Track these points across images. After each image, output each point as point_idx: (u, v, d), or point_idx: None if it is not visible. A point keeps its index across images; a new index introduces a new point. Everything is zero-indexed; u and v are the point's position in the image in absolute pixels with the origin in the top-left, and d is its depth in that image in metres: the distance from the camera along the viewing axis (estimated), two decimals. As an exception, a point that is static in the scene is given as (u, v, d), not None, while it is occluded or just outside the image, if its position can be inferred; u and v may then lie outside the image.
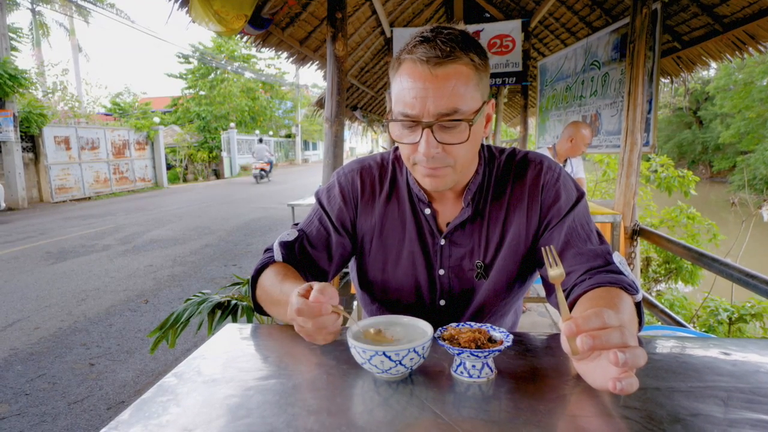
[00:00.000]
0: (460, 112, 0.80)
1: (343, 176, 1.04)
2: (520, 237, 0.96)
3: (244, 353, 0.83)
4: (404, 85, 0.82)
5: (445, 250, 0.98)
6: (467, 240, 0.97)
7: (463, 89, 0.80)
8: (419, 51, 0.80)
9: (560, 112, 5.13)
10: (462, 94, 0.80)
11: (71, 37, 23.46)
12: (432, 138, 0.81)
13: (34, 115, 11.64)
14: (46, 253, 6.40)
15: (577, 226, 0.92)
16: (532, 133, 9.39)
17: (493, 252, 0.97)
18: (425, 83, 0.79)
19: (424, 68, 0.79)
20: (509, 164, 0.99)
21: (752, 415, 0.61)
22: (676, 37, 3.84)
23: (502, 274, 0.97)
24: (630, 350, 0.57)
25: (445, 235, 0.97)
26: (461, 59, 0.80)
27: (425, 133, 0.81)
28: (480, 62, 0.83)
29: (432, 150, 0.82)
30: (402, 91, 0.83)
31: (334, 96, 3.03)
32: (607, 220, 2.99)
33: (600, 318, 0.60)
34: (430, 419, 0.61)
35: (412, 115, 0.81)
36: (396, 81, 0.85)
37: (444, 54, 0.78)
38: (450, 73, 0.79)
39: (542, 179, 0.95)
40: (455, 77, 0.79)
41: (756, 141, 17.85)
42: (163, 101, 26.10)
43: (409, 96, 0.81)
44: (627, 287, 0.82)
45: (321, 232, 1.02)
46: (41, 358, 3.25)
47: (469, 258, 0.97)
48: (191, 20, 3.21)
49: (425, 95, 0.79)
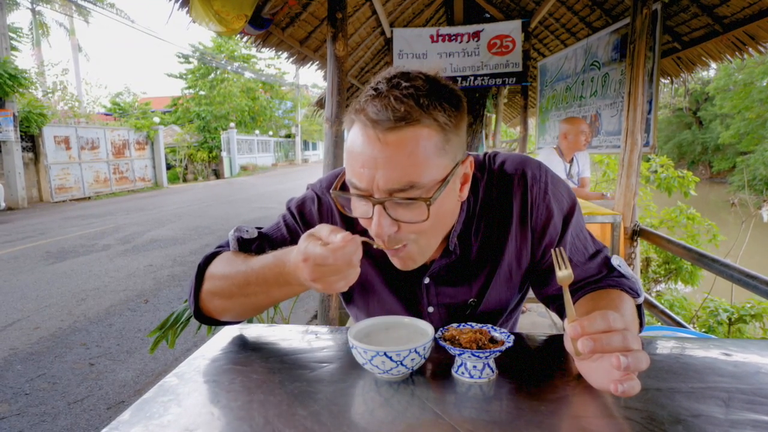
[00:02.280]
0: (417, 186, 0.67)
1: (321, 193, 0.93)
2: (512, 266, 0.88)
3: (244, 353, 0.83)
4: (353, 149, 0.69)
5: (431, 289, 0.89)
6: (455, 278, 0.88)
7: (422, 158, 0.66)
8: (370, 109, 0.66)
9: (560, 112, 5.13)
10: (420, 164, 0.66)
11: (71, 37, 23.46)
12: (385, 216, 0.68)
13: (34, 114, 11.64)
14: (45, 252, 6.40)
15: (575, 240, 0.87)
16: (532, 133, 9.39)
17: (483, 284, 0.89)
18: (373, 151, 0.66)
19: (372, 132, 0.66)
20: (490, 185, 0.86)
21: (753, 416, 0.61)
22: (676, 38, 3.84)
23: (495, 302, 0.91)
24: (632, 354, 0.57)
25: (429, 274, 0.88)
26: (420, 122, 0.66)
27: (376, 210, 0.68)
28: (448, 120, 0.68)
29: (386, 229, 0.69)
30: (350, 157, 0.70)
31: (335, 96, 3.03)
32: (607, 221, 2.99)
33: (605, 320, 0.60)
34: (432, 420, 0.61)
35: (361, 189, 0.69)
36: (348, 138, 0.72)
37: (396, 117, 0.64)
38: (404, 139, 0.65)
39: (530, 197, 0.84)
40: (412, 143, 0.65)
41: (756, 141, 17.86)
42: (163, 101, 26.10)
43: (357, 164, 0.68)
44: (627, 291, 0.82)
45: (286, 240, 0.91)
46: (41, 358, 3.25)
47: (459, 296, 0.90)
48: (191, 20, 3.20)
49: (374, 166, 0.66)
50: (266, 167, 26.45)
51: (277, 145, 30.03)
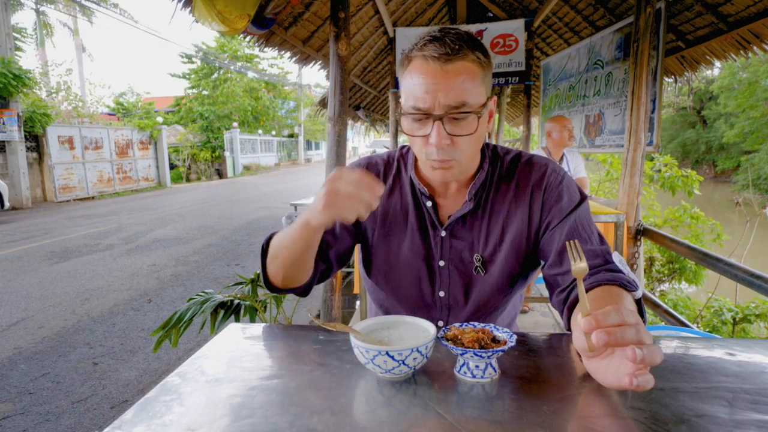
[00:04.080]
0: (468, 105, 0.84)
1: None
2: (521, 235, 0.97)
3: (247, 353, 0.83)
4: (415, 81, 0.85)
5: (446, 242, 1.00)
6: (468, 233, 0.99)
7: (471, 84, 0.84)
8: (429, 49, 0.83)
9: (563, 111, 5.12)
10: (469, 89, 0.84)
11: (75, 37, 23.57)
12: (442, 129, 0.84)
13: (38, 114, 11.69)
14: (49, 252, 6.43)
15: (579, 227, 0.93)
16: (535, 132, 9.36)
17: (493, 247, 0.98)
18: (436, 78, 0.83)
19: (434, 64, 0.83)
20: (514, 164, 1.01)
21: (758, 416, 0.61)
22: (680, 37, 3.83)
23: (503, 270, 0.98)
24: (647, 347, 0.58)
25: (446, 227, 0.99)
26: (468, 56, 0.84)
27: (436, 125, 0.84)
28: (485, 60, 0.87)
29: (442, 141, 0.85)
30: (413, 87, 0.86)
31: (337, 95, 3.03)
32: (610, 220, 2.98)
33: (619, 315, 0.60)
34: (434, 419, 0.61)
35: (424, 109, 0.84)
36: (406, 78, 0.88)
37: (453, 51, 0.83)
38: (459, 69, 0.83)
39: (546, 180, 0.97)
40: (464, 73, 0.83)
41: (760, 140, 17.77)
42: (166, 101, 26.17)
43: (421, 91, 0.84)
44: (626, 284, 0.83)
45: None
46: (45, 357, 3.26)
47: (469, 251, 0.99)
48: (194, 20, 3.21)
49: (436, 89, 0.83)
50: (269, 167, 26.49)
51: (280, 144, 30.06)
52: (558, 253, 0.92)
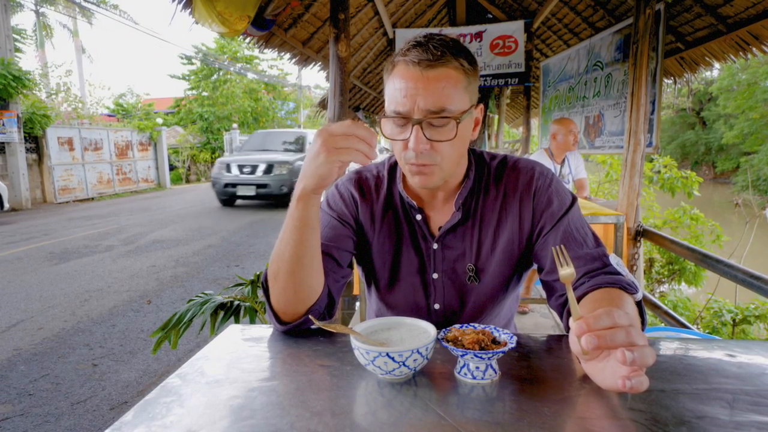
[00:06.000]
0: (448, 110, 0.84)
1: (341, 185, 1.07)
2: (513, 242, 0.97)
3: (247, 354, 0.83)
4: (397, 86, 0.86)
5: (438, 254, 1.00)
6: (459, 243, 0.99)
7: (452, 90, 0.84)
8: (412, 54, 0.84)
9: (563, 112, 5.12)
10: (450, 95, 0.84)
11: (74, 39, 23.55)
12: (421, 134, 0.84)
13: (38, 116, 11.68)
14: (49, 253, 6.42)
15: (573, 230, 0.93)
16: (535, 134, 9.36)
17: (486, 256, 0.98)
18: (416, 83, 0.83)
19: (415, 70, 0.84)
20: (501, 170, 1.00)
21: (758, 418, 0.61)
22: (680, 38, 3.83)
23: (496, 277, 0.98)
24: (638, 349, 0.58)
25: (438, 239, 0.99)
26: (451, 63, 0.84)
27: (415, 129, 0.84)
28: (469, 67, 0.87)
29: (421, 146, 0.84)
30: (394, 91, 0.86)
31: (337, 97, 3.03)
32: (610, 221, 2.98)
33: (610, 317, 0.60)
34: (434, 421, 0.61)
35: (403, 113, 0.85)
36: (389, 82, 0.89)
37: (435, 57, 0.83)
38: (440, 75, 0.84)
39: (534, 185, 0.96)
40: (445, 79, 0.84)
41: (759, 142, 17.80)
42: (166, 102, 26.15)
43: (401, 95, 0.85)
44: (626, 287, 0.83)
45: (333, 228, 1.01)
46: (44, 359, 3.26)
47: (461, 261, 0.99)
48: (194, 21, 3.21)
49: (416, 94, 0.83)
50: (269, 168, 26.42)
51: (280, 145, 30.00)
52: (553, 259, 0.92)
